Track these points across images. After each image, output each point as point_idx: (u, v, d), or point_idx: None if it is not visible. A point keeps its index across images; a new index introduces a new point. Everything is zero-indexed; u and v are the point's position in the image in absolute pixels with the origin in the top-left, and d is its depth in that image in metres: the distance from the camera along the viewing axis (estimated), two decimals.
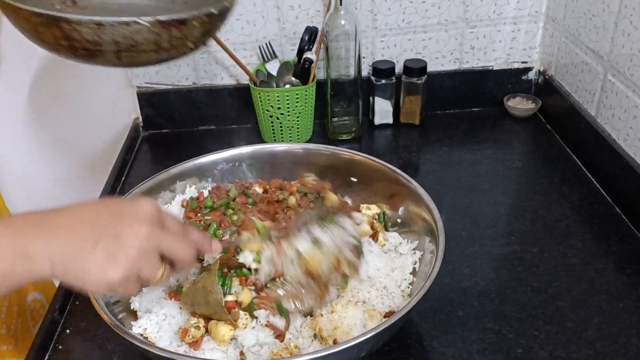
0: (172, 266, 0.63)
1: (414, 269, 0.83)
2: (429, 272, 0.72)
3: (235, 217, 0.86)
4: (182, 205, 0.93)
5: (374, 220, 0.90)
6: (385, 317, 0.76)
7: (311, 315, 0.76)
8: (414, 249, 0.85)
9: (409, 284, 0.82)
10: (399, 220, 0.91)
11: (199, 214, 0.89)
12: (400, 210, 0.90)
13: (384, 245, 0.88)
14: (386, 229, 0.91)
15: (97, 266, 0.55)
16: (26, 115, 1.31)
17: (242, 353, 0.74)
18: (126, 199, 0.81)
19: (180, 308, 0.77)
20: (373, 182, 0.94)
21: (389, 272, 0.82)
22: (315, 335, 0.75)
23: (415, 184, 0.87)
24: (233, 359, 0.74)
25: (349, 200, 0.96)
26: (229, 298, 0.74)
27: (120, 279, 0.56)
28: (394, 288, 0.81)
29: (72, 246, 0.55)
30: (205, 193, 0.95)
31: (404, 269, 0.82)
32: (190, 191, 0.96)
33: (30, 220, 0.56)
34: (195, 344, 0.73)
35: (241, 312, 0.74)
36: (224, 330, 0.73)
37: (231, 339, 0.74)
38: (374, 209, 0.92)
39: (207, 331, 0.75)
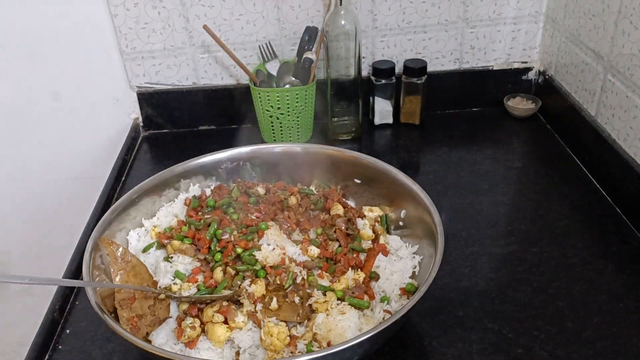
0: None
1: (414, 273, 0.83)
2: (426, 278, 0.72)
3: (235, 216, 0.86)
4: (185, 204, 0.93)
5: (376, 223, 0.90)
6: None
7: (308, 320, 0.76)
8: (414, 253, 0.85)
9: None
10: (401, 223, 0.90)
11: (199, 213, 0.89)
12: (403, 212, 0.90)
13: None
14: (388, 232, 0.91)
15: None
16: (26, 114, 1.31)
17: (237, 354, 0.74)
18: None
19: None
20: (376, 183, 0.93)
21: (389, 275, 0.82)
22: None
23: (415, 186, 0.86)
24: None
25: (352, 203, 0.96)
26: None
27: None
28: (393, 291, 0.80)
29: None
30: (208, 192, 0.95)
31: (404, 272, 0.82)
32: (194, 189, 0.96)
33: None
34: (191, 343, 0.74)
35: (239, 312, 0.74)
36: (220, 331, 0.73)
37: (227, 340, 0.74)
38: (377, 212, 0.92)
39: (203, 332, 0.75)
